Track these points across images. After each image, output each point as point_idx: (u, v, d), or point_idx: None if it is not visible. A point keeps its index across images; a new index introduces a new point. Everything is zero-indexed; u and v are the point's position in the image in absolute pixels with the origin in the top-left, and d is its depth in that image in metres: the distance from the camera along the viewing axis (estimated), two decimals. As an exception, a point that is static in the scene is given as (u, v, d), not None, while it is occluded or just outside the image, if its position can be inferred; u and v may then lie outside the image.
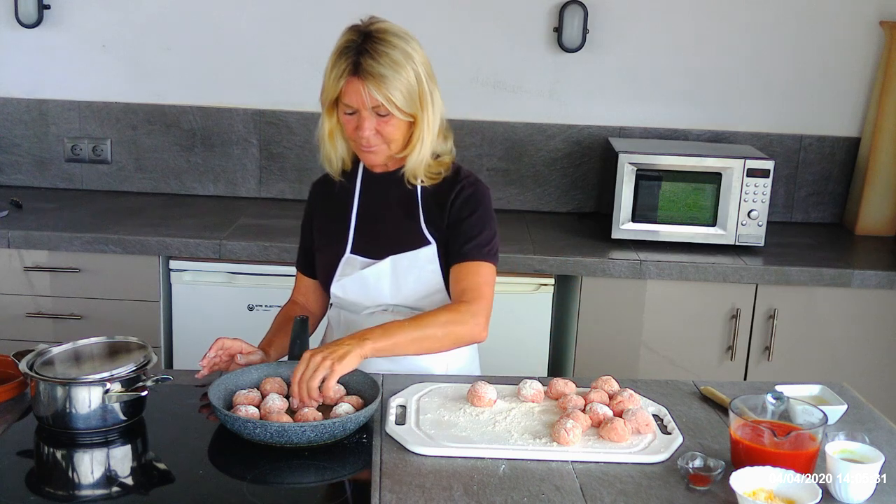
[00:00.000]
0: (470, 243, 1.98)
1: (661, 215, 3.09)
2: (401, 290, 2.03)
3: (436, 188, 2.03)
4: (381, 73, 1.85)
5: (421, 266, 2.02)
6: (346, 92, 1.88)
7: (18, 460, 1.64)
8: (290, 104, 3.44)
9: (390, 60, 1.86)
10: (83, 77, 3.44)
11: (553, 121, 3.45)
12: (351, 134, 1.94)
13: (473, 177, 2.06)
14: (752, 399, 1.68)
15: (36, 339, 2.70)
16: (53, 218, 3.10)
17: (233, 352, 1.91)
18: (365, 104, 1.88)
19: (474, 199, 2.02)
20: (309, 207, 2.18)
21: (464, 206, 2.01)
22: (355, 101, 1.88)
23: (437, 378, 1.99)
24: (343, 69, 1.87)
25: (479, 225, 2.00)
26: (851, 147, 3.48)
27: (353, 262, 2.05)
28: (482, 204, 2.02)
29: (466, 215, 2.00)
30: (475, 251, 1.98)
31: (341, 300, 2.08)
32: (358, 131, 1.91)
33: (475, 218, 2.00)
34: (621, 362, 2.97)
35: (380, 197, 2.06)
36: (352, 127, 1.93)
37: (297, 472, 1.59)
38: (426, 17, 3.33)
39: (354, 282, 2.04)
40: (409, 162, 1.97)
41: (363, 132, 1.90)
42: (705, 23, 3.40)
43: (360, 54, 1.86)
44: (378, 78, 1.85)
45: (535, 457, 1.64)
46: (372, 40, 1.87)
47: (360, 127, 1.91)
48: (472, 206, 2.01)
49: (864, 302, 2.96)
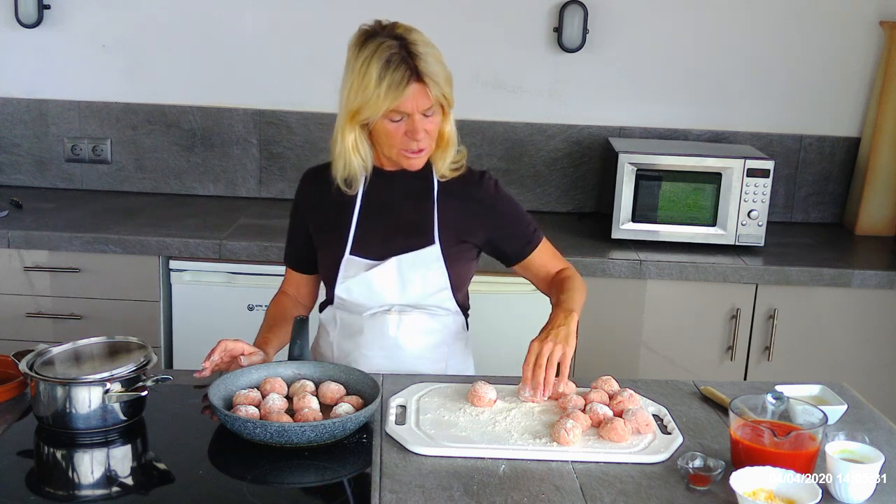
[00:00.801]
0: (529, 228, 2.12)
1: (661, 215, 3.09)
2: (407, 290, 2.03)
3: (455, 185, 2.04)
4: (436, 71, 1.88)
5: (426, 265, 2.02)
6: (407, 98, 1.86)
7: (18, 460, 1.64)
8: (290, 104, 3.44)
9: (435, 58, 1.89)
10: (83, 77, 3.45)
11: (553, 121, 3.45)
12: (399, 140, 1.92)
13: (478, 169, 2.11)
14: (752, 399, 1.68)
15: (36, 339, 2.70)
16: (53, 218, 3.10)
17: (235, 353, 1.90)
18: (421, 107, 1.88)
19: (499, 187, 2.10)
20: (299, 204, 2.14)
21: (501, 198, 2.09)
22: (415, 105, 1.87)
23: (437, 378, 1.99)
24: (402, 76, 1.84)
25: (519, 210, 2.12)
26: (851, 147, 3.48)
27: (355, 264, 2.04)
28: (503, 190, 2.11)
29: (507, 206, 2.09)
30: (537, 233, 2.13)
31: (345, 302, 2.07)
32: (410, 135, 1.90)
33: (513, 205, 2.10)
34: (621, 362, 2.97)
35: (384, 195, 2.05)
36: (401, 133, 1.90)
37: (297, 472, 1.59)
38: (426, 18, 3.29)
39: (359, 284, 2.03)
40: (445, 158, 2.00)
41: (418, 134, 1.89)
42: (705, 23, 3.40)
43: (412, 59, 1.85)
44: (436, 77, 1.87)
45: (535, 457, 1.64)
46: (410, 43, 1.87)
47: (414, 130, 1.89)
48: (506, 194, 2.10)
49: (864, 302, 2.96)
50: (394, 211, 2.04)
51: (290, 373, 1.86)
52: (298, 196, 2.15)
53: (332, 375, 1.86)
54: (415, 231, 2.02)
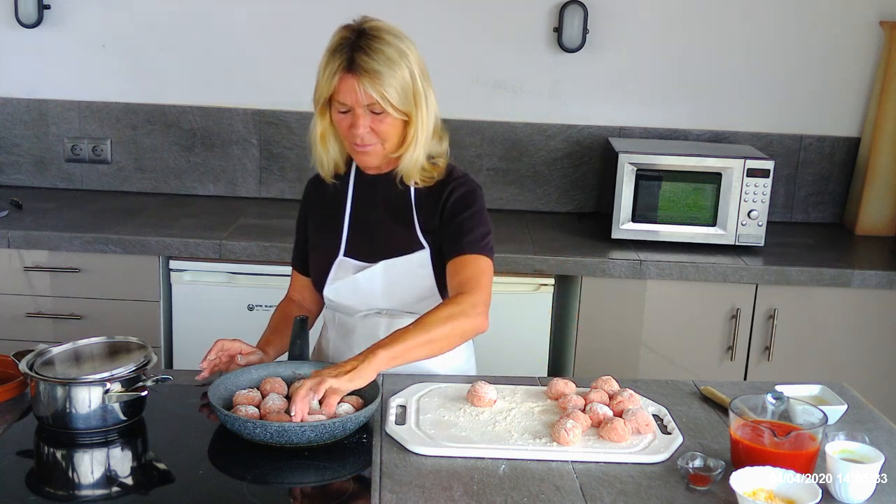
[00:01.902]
0: (465, 237, 1.96)
1: (661, 215, 3.08)
2: (393, 294, 2.02)
3: (429, 189, 2.01)
4: (375, 69, 1.83)
5: (414, 271, 2.01)
6: (340, 89, 1.86)
7: (18, 460, 1.64)
8: (290, 104, 3.44)
9: (385, 57, 1.84)
10: (83, 77, 3.45)
11: (553, 121, 3.45)
12: (345, 133, 1.92)
13: (465, 176, 2.03)
14: (752, 399, 1.68)
15: (36, 339, 2.70)
16: (53, 218, 3.10)
17: (232, 353, 1.91)
18: (359, 101, 1.86)
19: (468, 197, 2.00)
20: (303, 206, 2.16)
21: (457, 204, 1.98)
22: (349, 98, 1.86)
23: (437, 378, 1.99)
24: (337, 66, 1.85)
25: (473, 221, 1.98)
26: (851, 147, 3.47)
27: (346, 266, 2.04)
28: (475, 202, 2.00)
29: (459, 212, 1.98)
30: (471, 245, 1.95)
31: (334, 303, 2.08)
32: (352, 129, 1.89)
33: (468, 215, 1.98)
34: (621, 362, 2.97)
35: (373, 200, 2.04)
36: (346, 125, 1.90)
37: (297, 472, 1.59)
38: (426, 18, 3.33)
39: (347, 285, 2.03)
40: (403, 162, 1.95)
41: (357, 130, 1.88)
42: (705, 23, 3.40)
43: (354, 51, 1.84)
44: (373, 74, 1.83)
45: (535, 457, 1.64)
46: (366, 37, 1.86)
47: (354, 125, 1.88)
48: (466, 203, 1.99)
49: (864, 302, 2.96)
50: (381, 215, 2.04)
51: (290, 373, 1.86)
52: (303, 198, 2.17)
53: (331, 375, 1.86)
54: (402, 236, 2.01)
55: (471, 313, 1.85)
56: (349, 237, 2.05)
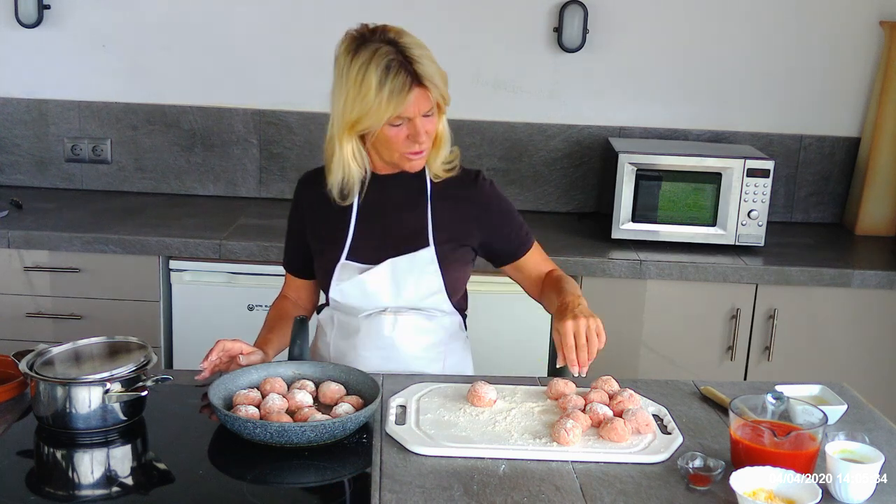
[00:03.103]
0: (522, 230, 2.11)
1: (661, 215, 3.08)
2: (400, 292, 2.03)
3: (449, 187, 2.03)
4: (433, 72, 1.88)
5: (420, 268, 2.01)
6: (409, 103, 1.86)
7: (18, 460, 1.64)
8: (290, 104, 3.44)
9: (430, 60, 1.89)
10: (83, 77, 3.44)
11: (553, 121, 3.45)
12: (400, 144, 1.91)
13: (472, 170, 2.10)
14: (752, 399, 1.68)
15: (36, 339, 2.70)
16: (53, 218, 3.10)
17: (233, 353, 1.90)
18: (422, 110, 1.88)
19: (493, 188, 2.09)
20: (297, 209, 2.14)
21: (495, 199, 2.08)
22: (416, 109, 1.87)
23: (437, 378, 1.99)
24: (403, 82, 1.84)
25: (513, 212, 2.11)
26: (851, 147, 3.48)
27: (350, 268, 2.04)
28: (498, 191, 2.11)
29: (501, 208, 2.09)
30: (529, 235, 2.12)
31: (340, 304, 2.07)
32: (415, 138, 1.90)
33: (506, 207, 2.10)
34: (621, 362, 2.96)
35: (381, 200, 2.04)
36: (402, 137, 1.90)
37: (297, 472, 1.59)
38: (426, 18, 3.33)
39: (353, 287, 2.03)
40: (439, 157, 2.00)
41: (420, 137, 1.89)
42: (705, 23, 3.40)
43: (410, 63, 1.85)
44: (434, 79, 1.87)
45: (535, 457, 1.64)
46: (404, 46, 1.86)
47: (416, 133, 1.89)
48: (497, 196, 2.09)
49: (864, 302, 2.96)
50: (389, 214, 2.04)
51: (290, 373, 1.86)
52: (296, 200, 2.14)
53: (332, 375, 1.86)
54: (410, 234, 2.02)
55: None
56: (353, 242, 2.04)
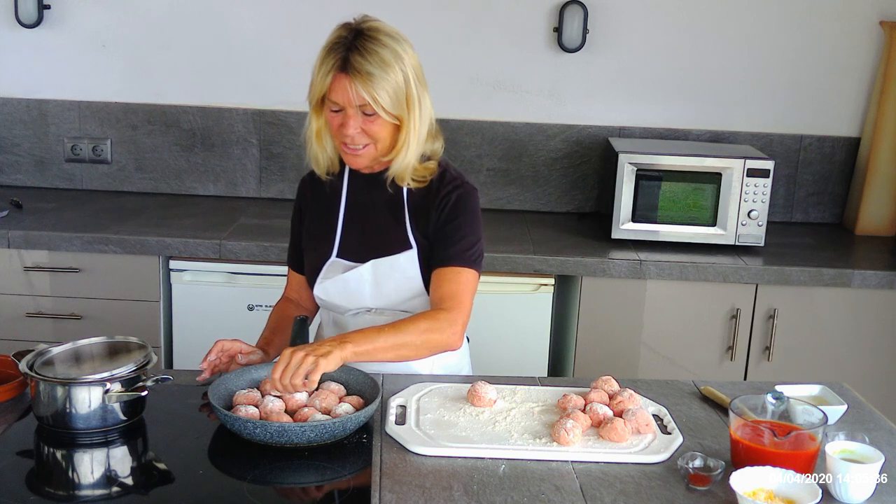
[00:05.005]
0: (452, 248, 1.96)
1: (661, 215, 3.08)
2: (381, 293, 2.02)
3: (422, 192, 2.00)
4: (368, 70, 1.83)
5: (401, 270, 2.00)
6: (332, 88, 1.86)
7: (18, 460, 1.64)
8: (290, 104, 3.43)
9: (379, 59, 1.84)
10: (83, 77, 3.44)
11: (553, 121, 3.45)
12: (336, 132, 1.92)
13: (460, 179, 2.02)
14: (752, 399, 1.68)
15: (36, 339, 2.70)
16: (53, 218, 3.10)
17: (232, 353, 1.91)
18: (351, 102, 1.86)
19: (460, 203, 1.98)
20: (298, 204, 2.16)
21: (450, 211, 1.98)
22: (341, 98, 1.86)
23: (437, 378, 1.99)
24: (331, 65, 1.85)
25: (463, 229, 1.97)
26: (851, 147, 3.47)
27: (337, 266, 2.04)
28: (468, 208, 1.99)
29: (451, 219, 1.97)
30: (457, 256, 1.95)
31: (324, 302, 2.08)
32: (342, 129, 1.89)
33: (459, 222, 1.97)
34: (621, 362, 2.97)
35: (365, 199, 2.04)
36: (336, 124, 1.91)
37: (297, 472, 1.59)
38: (426, 17, 3.33)
39: (336, 285, 2.03)
40: (393, 165, 1.95)
41: (347, 130, 1.88)
42: (705, 23, 3.40)
43: (349, 51, 1.84)
44: (365, 76, 1.83)
45: (535, 457, 1.64)
46: (363, 38, 1.86)
47: (344, 125, 1.88)
48: (458, 210, 1.98)
49: (864, 302, 2.96)
50: (373, 215, 2.04)
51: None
52: (297, 197, 2.17)
53: (332, 375, 1.85)
54: (392, 236, 2.01)
55: (447, 331, 1.87)
56: (343, 238, 2.05)
